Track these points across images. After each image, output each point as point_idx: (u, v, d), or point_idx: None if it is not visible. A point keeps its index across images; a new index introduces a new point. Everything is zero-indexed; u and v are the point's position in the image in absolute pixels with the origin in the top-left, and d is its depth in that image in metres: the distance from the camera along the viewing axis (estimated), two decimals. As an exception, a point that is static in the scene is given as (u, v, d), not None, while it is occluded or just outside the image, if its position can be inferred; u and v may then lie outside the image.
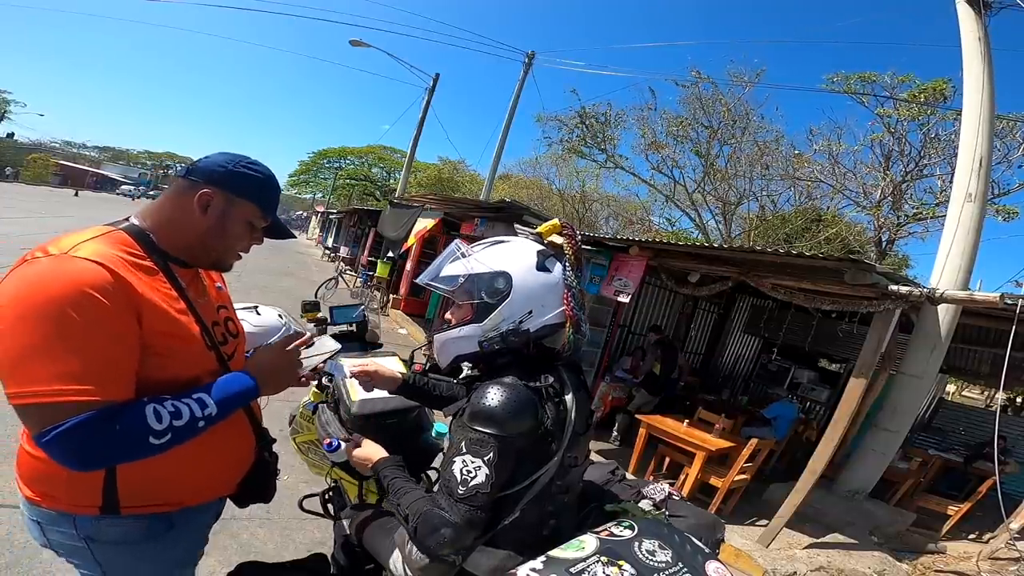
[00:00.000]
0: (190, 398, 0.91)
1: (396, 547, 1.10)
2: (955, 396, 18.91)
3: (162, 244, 1.00)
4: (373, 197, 34.39)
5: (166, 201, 1.03)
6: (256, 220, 1.07)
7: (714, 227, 16.72)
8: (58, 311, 0.79)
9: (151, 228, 1.00)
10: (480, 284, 1.09)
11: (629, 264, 4.95)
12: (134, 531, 0.97)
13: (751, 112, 14.78)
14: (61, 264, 0.83)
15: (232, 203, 1.02)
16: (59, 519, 0.94)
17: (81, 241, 0.88)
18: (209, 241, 1.03)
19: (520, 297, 1.07)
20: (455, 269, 1.12)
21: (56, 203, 20.14)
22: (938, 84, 11.05)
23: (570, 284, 1.11)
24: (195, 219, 1.00)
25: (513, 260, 1.10)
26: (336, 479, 1.63)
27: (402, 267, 10.92)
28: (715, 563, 0.91)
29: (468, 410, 0.99)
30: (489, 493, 0.94)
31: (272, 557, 2.18)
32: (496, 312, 1.07)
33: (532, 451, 1.00)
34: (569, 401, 1.07)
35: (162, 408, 0.86)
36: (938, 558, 4.14)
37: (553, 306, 1.10)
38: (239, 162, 1.04)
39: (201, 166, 1.02)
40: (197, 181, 1.00)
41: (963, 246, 4.62)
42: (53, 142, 62.99)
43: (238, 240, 1.07)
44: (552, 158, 20.99)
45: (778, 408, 5.67)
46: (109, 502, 0.93)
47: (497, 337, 1.08)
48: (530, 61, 13.44)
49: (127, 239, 0.95)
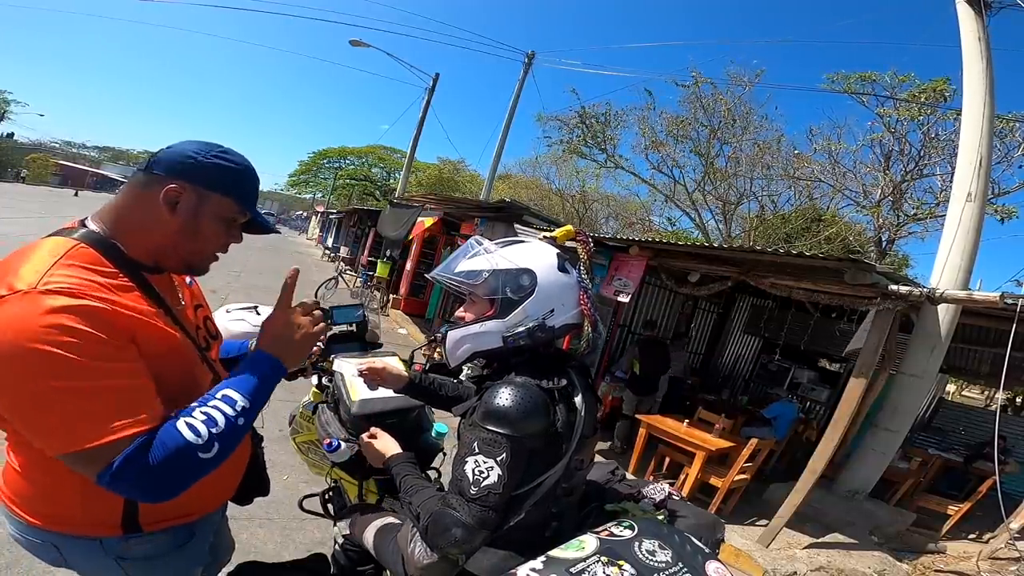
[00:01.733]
0: (215, 399, 0.82)
1: (397, 546, 1.10)
2: (955, 396, 18.89)
3: (130, 253, 0.87)
4: (373, 197, 34.37)
5: (126, 200, 0.89)
6: (234, 216, 0.95)
7: (714, 227, 16.73)
8: (61, 355, 0.71)
9: (114, 234, 0.87)
10: (505, 280, 1.09)
11: (629, 264, 4.95)
12: (162, 545, 0.96)
13: (751, 112, 14.81)
14: (35, 304, 0.71)
15: (204, 199, 0.89)
16: (83, 543, 0.89)
17: (45, 269, 0.76)
18: (181, 243, 0.90)
19: (544, 295, 1.08)
20: (476, 264, 1.11)
21: (56, 203, 20.13)
22: (937, 84, 11.05)
23: (585, 286, 1.14)
24: (163, 219, 0.87)
25: (537, 259, 1.11)
26: (336, 479, 1.63)
27: (402, 267, 10.92)
28: (715, 563, 0.91)
29: (481, 410, 0.98)
30: (501, 494, 0.93)
31: (272, 557, 2.18)
32: (520, 308, 1.08)
33: (542, 453, 1.00)
34: (579, 403, 1.07)
35: (192, 419, 0.79)
36: (938, 558, 4.14)
37: (571, 306, 1.12)
38: (210, 151, 0.90)
39: (164, 157, 0.88)
40: (161, 175, 0.87)
41: (963, 246, 4.62)
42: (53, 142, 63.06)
43: (214, 240, 0.94)
44: (552, 158, 21.00)
45: (778, 408, 5.67)
46: (129, 522, 0.89)
47: (524, 333, 1.08)
48: (530, 61, 13.44)
49: (92, 254, 0.83)
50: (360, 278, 11.85)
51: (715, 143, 15.14)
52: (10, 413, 0.75)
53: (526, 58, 13.41)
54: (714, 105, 14.73)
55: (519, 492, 0.99)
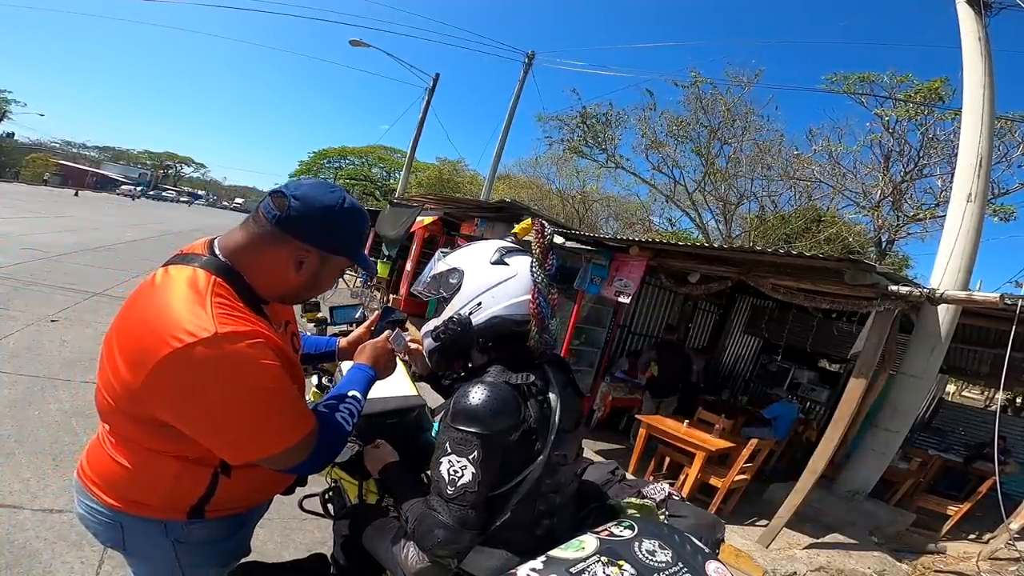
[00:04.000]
0: (348, 397, 1.06)
1: (394, 548, 1.10)
2: (955, 396, 18.91)
3: (253, 286, 0.99)
4: (373, 197, 34.38)
5: (255, 243, 0.97)
6: (346, 267, 1.10)
7: (714, 227, 16.74)
8: (257, 388, 0.88)
9: (241, 268, 0.97)
10: (439, 281, 1.16)
11: (629, 264, 4.95)
12: (217, 531, 1.05)
13: (751, 112, 14.82)
14: (225, 344, 0.85)
15: (327, 261, 1.02)
16: (147, 524, 0.99)
17: (208, 313, 0.86)
18: (301, 293, 1.06)
19: (469, 289, 1.11)
20: (428, 272, 1.21)
21: (56, 203, 20.14)
22: (934, 84, 11.06)
23: (537, 281, 1.10)
24: (288, 274, 0.99)
25: (468, 257, 1.16)
26: (336, 479, 1.63)
27: (402, 267, 10.92)
28: (715, 563, 0.91)
29: (451, 410, 0.99)
30: (477, 492, 0.94)
31: (272, 557, 2.18)
32: (449, 305, 1.12)
33: (517, 449, 1.00)
34: (553, 399, 1.07)
35: (341, 412, 1.03)
36: (938, 558, 4.14)
37: (503, 298, 1.09)
38: (335, 214, 0.98)
39: (295, 217, 0.95)
40: (294, 235, 0.96)
41: (963, 246, 4.62)
42: (53, 142, 62.99)
43: (325, 287, 1.10)
44: (552, 158, 21.04)
45: (778, 408, 5.68)
46: (198, 509, 0.99)
47: (441, 327, 1.12)
48: (530, 61, 13.45)
49: (226, 288, 0.93)
50: (360, 278, 11.84)
51: (715, 143, 15.16)
52: (208, 433, 0.89)
53: (526, 58, 13.43)
54: (714, 105, 14.75)
55: (501, 491, 1.00)
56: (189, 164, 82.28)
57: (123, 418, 0.94)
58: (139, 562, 1.08)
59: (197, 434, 0.88)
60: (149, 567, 1.07)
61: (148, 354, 0.83)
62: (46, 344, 4.12)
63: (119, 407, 0.91)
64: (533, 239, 1.13)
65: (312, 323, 1.87)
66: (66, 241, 9.52)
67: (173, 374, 0.83)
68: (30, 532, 2.05)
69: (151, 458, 0.95)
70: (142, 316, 0.89)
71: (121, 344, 0.89)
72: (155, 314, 0.87)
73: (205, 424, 0.87)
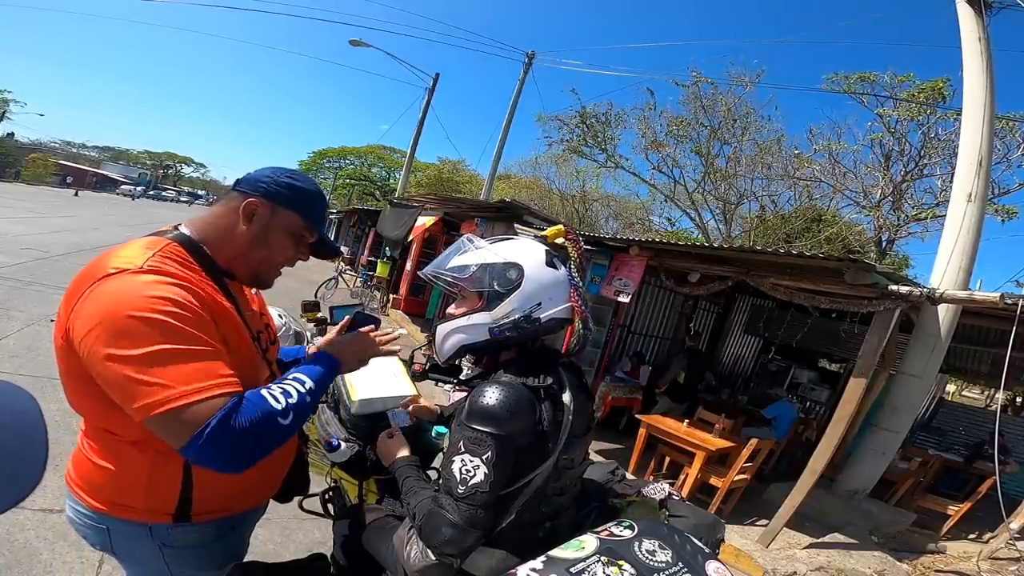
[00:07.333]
0: (287, 380, 0.93)
1: (395, 548, 1.10)
2: (955, 396, 18.90)
3: (212, 255, 1.01)
4: (373, 197, 34.40)
5: (216, 211, 1.05)
6: (300, 232, 1.08)
7: (714, 227, 16.73)
8: (160, 320, 0.81)
9: (201, 239, 1.01)
10: (492, 273, 1.10)
11: (629, 264, 4.95)
12: (206, 535, 1.03)
13: (751, 112, 14.81)
14: (140, 279, 0.84)
15: (276, 212, 1.04)
16: (132, 528, 0.98)
17: (145, 256, 0.89)
18: (252, 252, 1.04)
19: (531, 288, 1.09)
20: (466, 260, 1.13)
21: (56, 203, 20.14)
22: (936, 84, 11.06)
23: (576, 284, 1.15)
24: (240, 229, 1.02)
25: (524, 253, 1.13)
26: (336, 479, 1.63)
27: (402, 267, 10.93)
28: (715, 563, 0.91)
29: (467, 409, 0.99)
30: (488, 492, 0.94)
31: (272, 557, 2.17)
32: (507, 301, 1.08)
33: (529, 451, 1.00)
34: (568, 402, 1.06)
35: (271, 391, 0.88)
36: (938, 558, 4.14)
37: (559, 301, 1.12)
38: (284, 173, 1.06)
39: (248, 177, 1.06)
40: (244, 192, 1.03)
41: (963, 246, 4.62)
42: (53, 142, 62.92)
43: (281, 252, 1.07)
44: (552, 158, 21.02)
45: (778, 408, 5.67)
46: (182, 511, 0.98)
47: (509, 324, 1.08)
48: (530, 61, 13.44)
49: (182, 252, 0.96)
50: (360, 278, 11.85)
51: (715, 143, 15.15)
52: (109, 379, 0.80)
53: (526, 58, 13.42)
54: (714, 105, 14.74)
55: (508, 492, 0.99)
56: (189, 164, 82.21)
57: (75, 383, 0.89)
58: (129, 565, 1.07)
59: (97, 375, 0.81)
60: (139, 570, 1.07)
61: (80, 289, 0.85)
62: (46, 344, 4.12)
63: (68, 367, 0.88)
64: (570, 246, 1.18)
65: (312, 323, 1.87)
66: (66, 241, 9.52)
67: (90, 303, 0.82)
68: (30, 532, 2.05)
69: (122, 450, 0.93)
70: (87, 268, 0.90)
71: (66, 295, 0.89)
72: (97, 261, 0.89)
73: (98, 357, 0.79)
